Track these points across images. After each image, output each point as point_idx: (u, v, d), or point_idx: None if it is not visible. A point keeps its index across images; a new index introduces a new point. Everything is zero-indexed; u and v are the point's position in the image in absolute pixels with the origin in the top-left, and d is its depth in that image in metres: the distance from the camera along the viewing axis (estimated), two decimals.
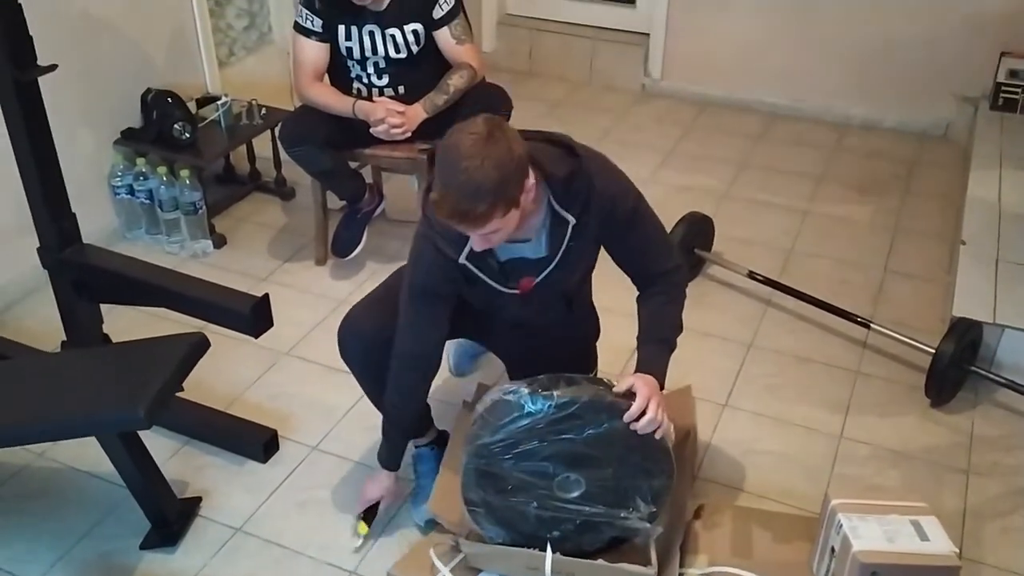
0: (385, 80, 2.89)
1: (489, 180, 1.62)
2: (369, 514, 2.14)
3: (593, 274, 2.14)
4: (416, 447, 2.23)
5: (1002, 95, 3.82)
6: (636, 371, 1.85)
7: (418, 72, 2.89)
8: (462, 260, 1.85)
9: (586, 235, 1.88)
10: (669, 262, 1.98)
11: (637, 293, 2.00)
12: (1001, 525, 2.20)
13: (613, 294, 2.10)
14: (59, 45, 2.78)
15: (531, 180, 1.72)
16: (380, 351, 1.99)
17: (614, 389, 1.81)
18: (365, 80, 2.90)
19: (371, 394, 2.16)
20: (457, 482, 2.03)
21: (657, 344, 1.92)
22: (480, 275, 1.89)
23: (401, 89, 2.91)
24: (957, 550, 1.75)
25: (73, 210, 2.41)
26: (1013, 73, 3.79)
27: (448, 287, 1.92)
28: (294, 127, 2.90)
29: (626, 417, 1.76)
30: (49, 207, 2.33)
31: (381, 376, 2.02)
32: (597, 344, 2.28)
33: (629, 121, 4.29)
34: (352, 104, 2.82)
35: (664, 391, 1.86)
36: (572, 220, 1.84)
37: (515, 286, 1.92)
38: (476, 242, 1.77)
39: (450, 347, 2.61)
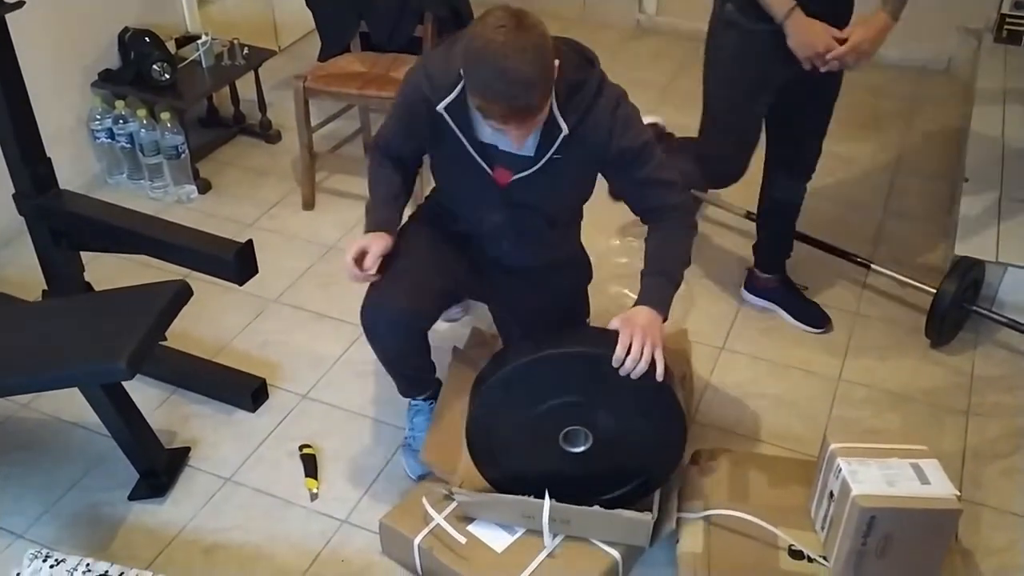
0: None
1: (536, 70, 1.58)
2: (310, 468, 2.15)
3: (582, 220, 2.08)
4: (414, 400, 2.17)
5: (1007, 27, 3.72)
6: (635, 305, 1.79)
7: None
8: (440, 109, 1.77)
9: (576, 156, 1.80)
10: (675, 197, 1.89)
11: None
12: (1002, 466, 2.18)
13: (602, 238, 2.03)
14: None
15: (556, 62, 1.65)
16: (412, 330, 1.94)
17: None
18: None
19: (390, 365, 2.09)
20: (451, 430, 2.00)
21: (656, 276, 1.84)
22: (454, 129, 1.80)
23: None
24: (958, 493, 1.72)
25: (50, 155, 2.33)
26: (1019, 4, 3.68)
27: (421, 128, 1.85)
28: None
29: (614, 362, 1.70)
30: (22, 151, 2.25)
31: (410, 356, 2.02)
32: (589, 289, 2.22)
33: (624, 59, 4.18)
34: None
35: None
36: (565, 129, 1.76)
37: (492, 167, 1.85)
38: (515, 137, 1.70)
39: None
